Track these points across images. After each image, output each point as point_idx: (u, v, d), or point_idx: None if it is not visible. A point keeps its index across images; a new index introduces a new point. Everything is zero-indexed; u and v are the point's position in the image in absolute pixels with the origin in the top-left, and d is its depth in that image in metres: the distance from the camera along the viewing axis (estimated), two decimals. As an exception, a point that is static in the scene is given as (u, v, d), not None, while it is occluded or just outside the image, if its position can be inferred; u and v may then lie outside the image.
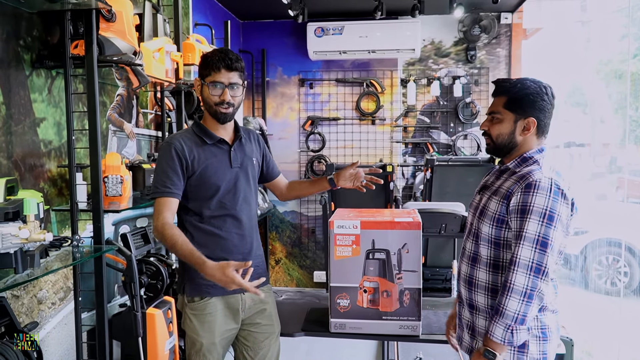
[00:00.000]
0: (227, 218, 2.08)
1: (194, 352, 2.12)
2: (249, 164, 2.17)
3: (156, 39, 2.93)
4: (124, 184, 2.50)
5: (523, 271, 1.64)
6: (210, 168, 2.05)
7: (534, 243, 1.64)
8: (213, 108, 2.04)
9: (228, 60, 2.01)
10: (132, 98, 3.21)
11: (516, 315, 1.64)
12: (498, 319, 1.67)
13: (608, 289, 5.41)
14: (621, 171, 5.21)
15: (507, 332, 1.66)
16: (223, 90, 2.01)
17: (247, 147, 2.19)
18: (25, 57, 2.29)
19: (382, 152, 5.45)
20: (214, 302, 2.08)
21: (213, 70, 2.01)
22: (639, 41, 4.67)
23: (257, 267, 2.17)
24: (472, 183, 4.30)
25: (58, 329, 2.53)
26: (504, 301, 1.66)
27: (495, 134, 1.84)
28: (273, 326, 2.25)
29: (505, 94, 1.82)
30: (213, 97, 2.02)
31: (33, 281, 2.33)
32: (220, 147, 2.10)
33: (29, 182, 2.31)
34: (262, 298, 2.17)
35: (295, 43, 5.46)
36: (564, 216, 1.67)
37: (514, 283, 1.64)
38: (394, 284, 2.22)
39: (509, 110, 1.80)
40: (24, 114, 2.28)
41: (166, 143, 2.06)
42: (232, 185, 2.09)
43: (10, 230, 1.76)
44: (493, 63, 5.26)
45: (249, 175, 2.16)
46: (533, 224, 1.64)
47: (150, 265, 2.84)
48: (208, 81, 2.02)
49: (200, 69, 2.07)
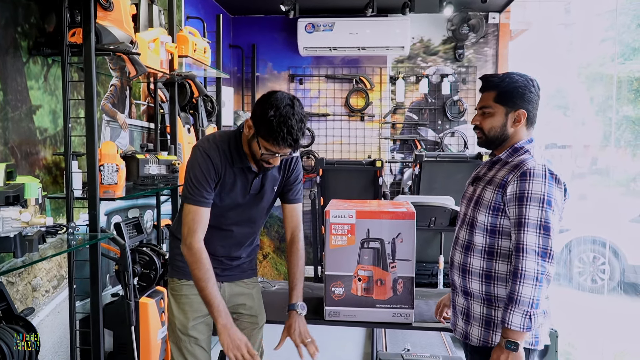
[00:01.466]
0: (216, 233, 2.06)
1: (171, 330, 2.16)
2: (267, 191, 2.10)
3: (151, 29, 2.94)
4: (119, 172, 2.51)
5: (532, 257, 1.69)
6: (230, 190, 2.01)
7: (537, 228, 1.69)
8: (257, 159, 1.95)
9: (292, 141, 1.84)
10: (126, 89, 3.21)
11: (531, 301, 1.68)
12: (514, 308, 1.69)
13: (589, 286, 5.53)
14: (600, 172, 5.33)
15: (525, 319, 1.68)
16: (274, 157, 1.91)
17: (272, 174, 2.09)
18: (23, 44, 2.29)
19: (371, 148, 5.50)
20: (190, 285, 2.06)
21: (272, 145, 1.85)
22: (619, 45, 4.78)
23: (242, 264, 2.20)
24: (460, 179, 4.37)
25: (51, 317, 2.52)
26: (518, 288, 1.68)
27: (487, 127, 1.89)
28: (256, 317, 2.24)
29: (495, 88, 1.87)
30: (263, 155, 1.90)
31: (28, 268, 2.33)
32: (246, 174, 2.02)
33: (25, 169, 2.31)
34: (243, 290, 2.20)
35: (285, 39, 5.49)
36: (559, 200, 1.73)
37: (525, 269, 1.68)
38: (388, 272, 2.26)
39: (500, 103, 1.86)
40: (21, 100, 2.28)
41: (204, 151, 1.95)
42: (240, 209, 2.07)
43: (10, 214, 1.77)
44: (480, 62, 5.34)
45: (262, 200, 2.11)
46: (533, 210, 1.69)
47: (143, 255, 2.85)
48: (264, 145, 1.86)
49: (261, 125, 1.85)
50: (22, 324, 1.98)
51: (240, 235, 2.13)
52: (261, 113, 1.83)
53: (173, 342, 2.14)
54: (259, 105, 1.87)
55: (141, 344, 2.76)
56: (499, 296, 1.80)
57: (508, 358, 1.72)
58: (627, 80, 4.79)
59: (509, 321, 1.70)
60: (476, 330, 1.86)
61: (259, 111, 1.85)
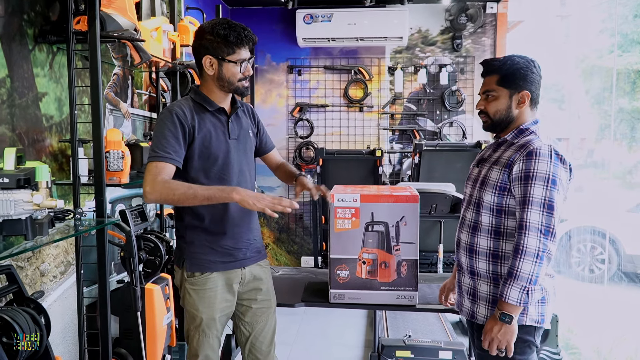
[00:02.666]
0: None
1: (194, 327, 2.12)
2: (245, 136, 2.15)
3: (154, 18, 2.96)
4: (124, 159, 2.53)
5: (534, 234, 1.73)
6: (209, 137, 2.02)
7: (541, 207, 1.73)
8: (234, 85, 2.01)
9: (253, 36, 2.00)
10: (128, 78, 3.23)
11: (530, 277, 1.72)
12: (513, 282, 1.74)
13: (587, 276, 5.59)
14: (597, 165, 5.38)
15: (522, 294, 1.73)
16: (247, 66, 2.01)
17: (244, 119, 2.18)
18: (29, 31, 2.31)
19: (370, 138, 5.53)
20: (214, 278, 2.08)
21: (237, 46, 1.97)
22: (615, 37, 4.81)
23: (256, 241, 2.20)
24: (459, 168, 4.42)
25: (59, 302, 2.55)
26: (518, 264, 1.73)
27: (492, 110, 1.92)
28: (270, 301, 2.27)
29: (497, 72, 1.90)
30: (237, 74, 1.99)
31: (37, 253, 2.36)
32: (219, 117, 2.07)
33: (32, 155, 2.33)
34: (260, 274, 2.22)
35: (283, 30, 5.50)
36: (564, 180, 1.76)
37: (526, 246, 1.73)
38: (392, 255, 2.29)
39: (503, 86, 1.89)
40: (27, 87, 2.30)
41: (167, 110, 2.01)
42: (228, 156, 2.06)
43: (22, 196, 1.79)
44: (478, 52, 5.37)
45: (246, 147, 2.14)
46: (538, 188, 1.73)
47: (148, 241, 2.88)
48: (233, 59, 1.97)
49: (218, 47, 1.97)
50: (33, 306, 2.02)
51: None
52: (212, 37, 1.96)
53: (195, 339, 2.12)
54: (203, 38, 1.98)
55: (147, 330, 2.79)
56: (504, 275, 1.84)
57: (501, 330, 1.77)
58: (625, 72, 4.82)
59: (506, 295, 1.75)
60: (483, 309, 1.89)
61: (208, 39, 1.97)
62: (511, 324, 1.76)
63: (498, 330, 1.78)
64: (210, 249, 2.07)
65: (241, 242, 2.13)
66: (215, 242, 2.07)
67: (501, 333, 1.78)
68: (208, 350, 2.13)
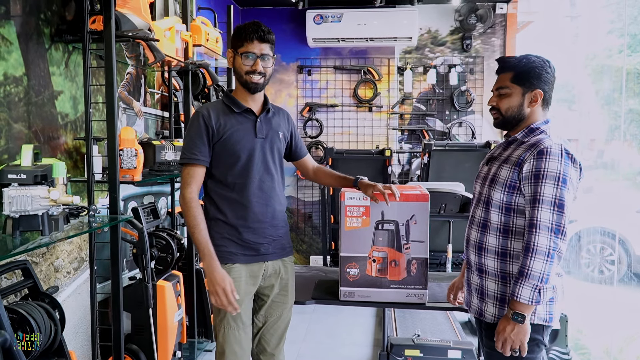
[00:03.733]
0: (249, 185, 2.13)
1: (219, 320, 2.16)
2: (274, 136, 2.22)
3: (167, 18, 3.00)
4: (138, 157, 2.56)
5: (545, 233, 1.73)
6: (235, 135, 2.11)
7: (551, 205, 1.73)
8: (244, 77, 2.11)
9: (261, 32, 2.09)
10: (141, 77, 3.27)
11: (541, 275, 1.72)
12: (524, 281, 1.74)
13: (597, 277, 5.57)
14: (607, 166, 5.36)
15: (534, 292, 1.73)
16: (255, 60, 2.09)
17: (275, 120, 2.25)
18: (45, 30, 2.35)
19: (379, 138, 5.55)
20: (238, 268, 2.14)
21: (246, 41, 2.09)
22: (625, 37, 4.79)
23: (281, 238, 2.25)
24: (469, 168, 4.42)
25: (72, 298, 2.59)
26: (529, 263, 1.73)
27: (504, 107, 1.93)
28: (287, 297, 2.31)
29: (512, 69, 1.91)
30: (245, 66, 2.10)
31: (51, 249, 2.39)
32: (247, 117, 2.16)
33: (47, 153, 2.37)
34: (282, 269, 2.27)
35: (293, 30, 5.53)
36: (574, 179, 1.77)
37: (537, 244, 1.73)
38: (402, 253, 2.31)
39: (517, 84, 1.90)
40: (44, 86, 2.34)
41: (195, 112, 2.14)
42: (255, 154, 2.14)
43: (39, 192, 1.83)
44: (488, 52, 5.37)
45: (273, 146, 2.21)
46: (549, 187, 1.73)
47: (160, 239, 2.91)
48: (241, 52, 2.09)
49: (233, 41, 2.13)
50: (47, 301, 2.05)
51: (268, 188, 2.18)
52: (233, 34, 2.16)
53: (221, 333, 2.16)
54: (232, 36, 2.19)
55: (158, 326, 2.82)
56: (513, 273, 1.85)
57: (514, 329, 1.77)
58: (635, 72, 4.80)
59: (518, 294, 1.74)
60: (491, 308, 1.90)
61: (232, 35, 2.17)
62: (524, 323, 1.76)
63: (511, 330, 1.78)
64: (233, 242, 2.14)
65: (263, 237, 2.18)
66: (237, 236, 2.14)
67: (514, 333, 1.77)
68: (235, 344, 2.15)
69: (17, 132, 2.17)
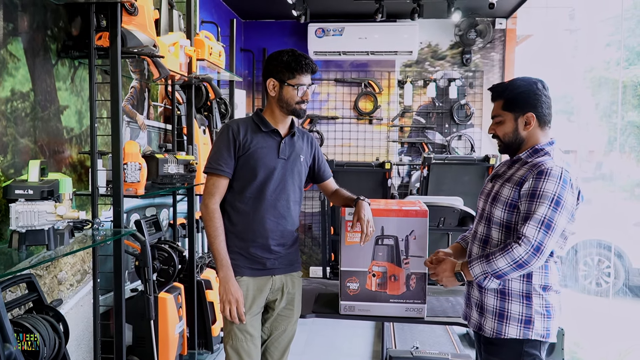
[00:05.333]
0: (263, 202, 2.19)
1: (227, 332, 2.22)
2: (296, 158, 2.28)
3: (171, 33, 3.04)
4: (141, 171, 2.59)
5: (525, 246, 1.78)
6: (259, 152, 2.19)
7: (539, 224, 1.78)
8: (293, 106, 2.19)
9: (312, 64, 2.19)
10: (145, 91, 3.31)
11: (497, 271, 1.84)
12: (483, 262, 1.87)
13: (594, 289, 5.59)
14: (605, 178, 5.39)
15: (481, 275, 1.89)
16: (305, 91, 2.18)
17: (298, 143, 2.31)
18: (52, 46, 2.39)
19: (379, 151, 5.59)
20: (245, 281, 2.19)
21: (298, 73, 2.16)
22: (623, 50, 4.85)
23: (289, 254, 2.30)
24: (468, 181, 4.46)
25: (75, 310, 2.61)
26: (497, 255, 1.84)
27: (501, 134, 1.99)
28: (293, 311, 2.36)
29: (501, 97, 1.99)
30: (295, 97, 2.17)
31: (55, 261, 2.42)
32: (273, 137, 2.23)
33: (52, 167, 2.40)
34: (289, 283, 2.31)
35: (295, 43, 5.58)
36: (569, 203, 1.81)
37: (513, 250, 1.80)
38: (402, 268, 2.34)
39: (507, 110, 1.96)
40: (50, 101, 2.38)
41: (225, 125, 2.23)
42: (274, 173, 2.20)
43: (46, 207, 1.86)
44: (487, 67, 5.43)
45: (294, 168, 2.27)
46: (542, 207, 1.78)
47: (162, 251, 2.94)
48: (292, 83, 2.16)
49: (280, 70, 2.17)
50: (52, 314, 2.08)
51: (282, 207, 2.24)
52: (277, 63, 2.18)
53: (229, 344, 2.21)
54: (270, 63, 2.21)
55: (159, 338, 2.85)
56: (512, 290, 1.88)
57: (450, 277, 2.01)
58: (632, 85, 4.86)
59: (472, 265, 1.92)
60: (490, 322, 1.94)
61: (274, 64, 2.19)
62: (458, 280, 1.99)
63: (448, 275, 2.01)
64: (241, 256, 2.21)
65: (269, 253, 2.23)
66: (244, 249, 2.20)
67: (447, 276, 2.01)
68: (243, 354, 2.18)
69: (23, 146, 2.20)
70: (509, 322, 1.88)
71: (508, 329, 1.89)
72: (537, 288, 1.88)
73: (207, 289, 3.55)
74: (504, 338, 1.89)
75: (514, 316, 1.88)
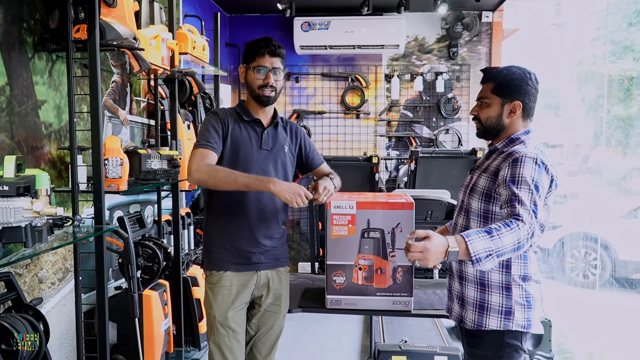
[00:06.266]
0: (247, 194, 2.16)
1: (209, 327, 2.20)
2: (280, 149, 2.26)
3: (152, 26, 2.99)
4: (123, 166, 2.55)
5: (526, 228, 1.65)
6: (241, 143, 2.17)
7: (529, 207, 1.73)
8: (256, 91, 2.18)
9: (272, 46, 2.17)
10: (127, 85, 3.25)
11: (501, 249, 1.60)
12: (486, 238, 1.60)
13: (581, 281, 5.62)
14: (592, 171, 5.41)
15: (483, 253, 1.59)
16: (267, 74, 2.16)
17: (282, 134, 2.29)
18: (28, 40, 2.33)
19: (367, 145, 5.57)
20: (229, 276, 2.17)
21: (258, 55, 2.16)
22: (609, 44, 4.85)
23: (275, 249, 2.28)
24: (455, 175, 4.45)
25: (57, 309, 2.56)
26: (503, 232, 1.61)
27: (484, 117, 1.96)
28: (280, 307, 2.34)
29: (493, 80, 1.95)
30: (257, 80, 2.16)
31: (35, 259, 2.37)
32: (254, 128, 2.22)
33: (30, 163, 2.35)
34: (275, 279, 2.29)
35: (281, 37, 5.53)
36: (545, 185, 1.78)
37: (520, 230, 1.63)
38: (388, 261, 2.32)
39: (496, 94, 1.93)
40: (27, 95, 2.32)
41: (212, 111, 2.23)
42: (255, 165, 2.18)
43: (22, 204, 1.81)
44: (474, 60, 5.42)
45: (277, 159, 2.24)
46: (524, 192, 1.73)
47: (146, 248, 2.90)
48: (253, 66, 2.16)
49: (245, 56, 2.22)
50: (31, 313, 2.03)
51: (266, 199, 2.19)
52: (245, 49, 2.23)
53: (211, 340, 2.19)
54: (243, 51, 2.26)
55: (145, 336, 2.80)
56: (492, 281, 1.87)
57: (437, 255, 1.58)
58: (618, 79, 4.87)
59: (470, 239, 1.60)
60: (470, 314, 1.92)
61: (244, 51, 2.24)
62: (450, 259, 1.59)
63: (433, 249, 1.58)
64: (224, 249, 2.18)
65: (255, 247, 2.20)
66: (229, 243, 2.18)
67: (432, 253, 1.57)
68: (225, 350, 2.16)
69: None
70: (489, 314, 1.87)
71: (488, 320, 1.87)
72: (517, 279, 1.85)
73: (194, 286, 3.51)
74: (484, 330, 1.87)
75: (494, 307, 1.86)
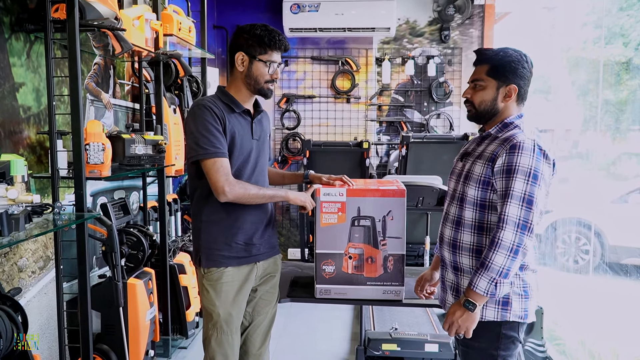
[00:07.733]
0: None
1: (211, 325, 2.12)
2: (265, 137, 2.23)
3: (135, 6, 2.89)
4: (105, 151, 2.46)
5: (511, 228, 1.70)
6: (237, 135, 2.08)
7: (520, 201, 1.70)
8: (261, 84, 2.08)
9: (286, 43, 2.07)
10: (110, 68, 3.15)
11: (501, 269, 1.71)
12: (483, 272, 1.73)
13: (572, 267, 5.62)
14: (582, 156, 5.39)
15: (491, 285, 1.72)
16: (276, 69, 2.08)
17: (265, 122, 2.26)
18: (5, 20, 2.23)
19: (357, 130, 5.50)
20: (230, 272, 2.11)
21: (271, 49, 2.04)
22: (600, 29, 4.80)
23: (270, 237, 2.26)
24: (446, 160, 4.40)
25: (38, 298, 2.49)
26: (491, 255, 1.71)
27: (478, 100, 1.88)
28: (274, 295, 2.32)
29: (488, 61, 1.87)
30: (266, 75, 2.06)
31: (14, 248, 2.29)
32: (245, 118, 2.14)
33: (8, 148, 2.26)
34: (271, 268, 2.27)
35: (270, 19, 5.41)
36: (547, 175, 1.74)
37: (502, 239, 1.70)
38: (378, 250, 2.26)
39: (492, 77, 1.85)
40: (3, 77, 2.22)
41: (200, 106, 2.03)
42: (251, 155, 2.13)
43: (-4, 191, 1.73)
44: (466, 43, 5.34)
45: (264, 148, 2.22)
46: (519, 182, 1.70)
47: (131, 235, 2.83)
48: (264, 59, 2.04)
49: (252, 45, 2.05)
50: (9, 303, 1.96)
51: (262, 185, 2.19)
52: (248, 36, 2.04)
53: (213, 338, 2.12)
54: (240, 36, 2.06)
55: (130, 325, 2.74)
56: None
57: (463, 316, 1.78)
58: (608, 64, 4.82)
59: (475, 284, 1.74)
60: (466, 306, 1.88)
61: (244, 37, 2.05)
62: (474, 311, 1.77)
63: (460, 316, 1.79)
64: (225, 245, 2.11)
65: (256, 238, 2.17)
66: (230, 238, 2.11)
67: (462, 319, 1.78)
68: (227, 348, 2.12)
69: (-25, 126, 2.06)
70: (487, 305, 1.82)
71: (485, 311, 1.82)
72: None
73: (181, 274, 3.45)
74: (481, 321, 1.82)
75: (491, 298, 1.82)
